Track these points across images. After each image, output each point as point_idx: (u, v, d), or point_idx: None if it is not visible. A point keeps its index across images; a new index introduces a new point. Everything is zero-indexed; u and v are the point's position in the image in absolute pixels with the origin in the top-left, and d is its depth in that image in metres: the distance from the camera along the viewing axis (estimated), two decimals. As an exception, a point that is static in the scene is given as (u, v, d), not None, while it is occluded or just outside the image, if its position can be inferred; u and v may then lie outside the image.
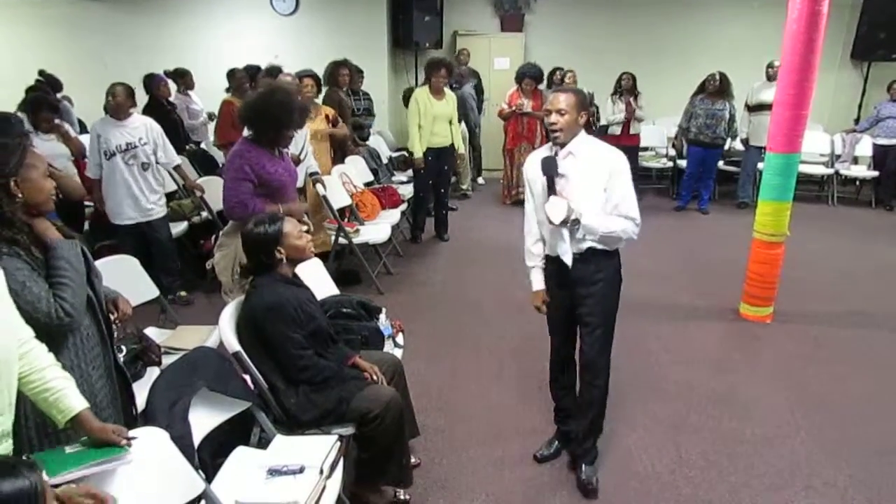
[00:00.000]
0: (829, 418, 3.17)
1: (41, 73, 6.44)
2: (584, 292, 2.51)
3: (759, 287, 4.22)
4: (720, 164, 7.43)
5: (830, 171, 7.56)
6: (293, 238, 2.42)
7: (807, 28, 3.65)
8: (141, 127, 4.17)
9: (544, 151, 2.51)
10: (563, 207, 2.34)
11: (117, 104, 4.07)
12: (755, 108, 6.91)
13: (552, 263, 2.59)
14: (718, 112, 6.71)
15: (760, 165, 5.92)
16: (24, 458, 1.17)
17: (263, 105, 3.00)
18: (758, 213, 4.15)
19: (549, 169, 2.42)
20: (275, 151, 3.11)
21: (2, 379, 1.44)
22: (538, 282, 2.66)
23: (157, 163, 4.27)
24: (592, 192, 2.40)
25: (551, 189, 2.41)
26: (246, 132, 3.17)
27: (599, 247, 2.45)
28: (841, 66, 8.22)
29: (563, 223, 2.35)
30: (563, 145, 2.42)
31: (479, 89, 7.94)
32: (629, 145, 7.28)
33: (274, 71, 4.88)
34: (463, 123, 6.82)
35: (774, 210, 4.05)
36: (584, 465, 2.67)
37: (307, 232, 2.53)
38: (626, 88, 7.18)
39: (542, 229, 2.60)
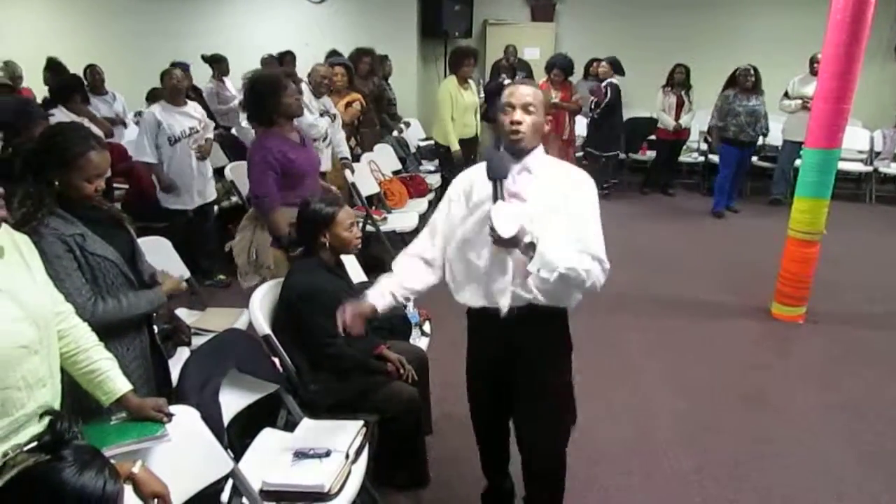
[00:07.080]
0: (862, 422, 3.09)
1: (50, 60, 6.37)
2: (520, 360, 1.94)
3: (792, 286, 4.11)
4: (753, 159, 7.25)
5: (869, 168, 7.36)
6: (342, 228, 2.41)
7: (852, 17, 3.52)
8: (196, 112, 4.28)
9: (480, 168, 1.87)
10: (515, 216, 1.70)
11: (178, 88, 4.14)
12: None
13: (479, 318, 1.95)
14: (757, 108, 6.36)
15: (798, 162, 5.71)
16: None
17: (252, 88, 3.02)
18: (793, 211, 4.04)
19: (498, 170, 1.76)
20: (295, 136, 3.09)
21: (42, 343, 1.45)
22: (375, 292, 1.97)
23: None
24: (554, 221, 1.79)
25: (498, 197, 1.75)
26: None
27: (543, 302, 1.84)
28: (884, 60, 7.96)
29: (513, 243, 1.71)
30: (520, 154, 1.85)
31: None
32: (678, 139, 7.18)
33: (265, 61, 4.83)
34: None
35: (811, 207, 3.93)
36: None
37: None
38: (678, 82, 6.94)
39: (461, 261, 1.91)
